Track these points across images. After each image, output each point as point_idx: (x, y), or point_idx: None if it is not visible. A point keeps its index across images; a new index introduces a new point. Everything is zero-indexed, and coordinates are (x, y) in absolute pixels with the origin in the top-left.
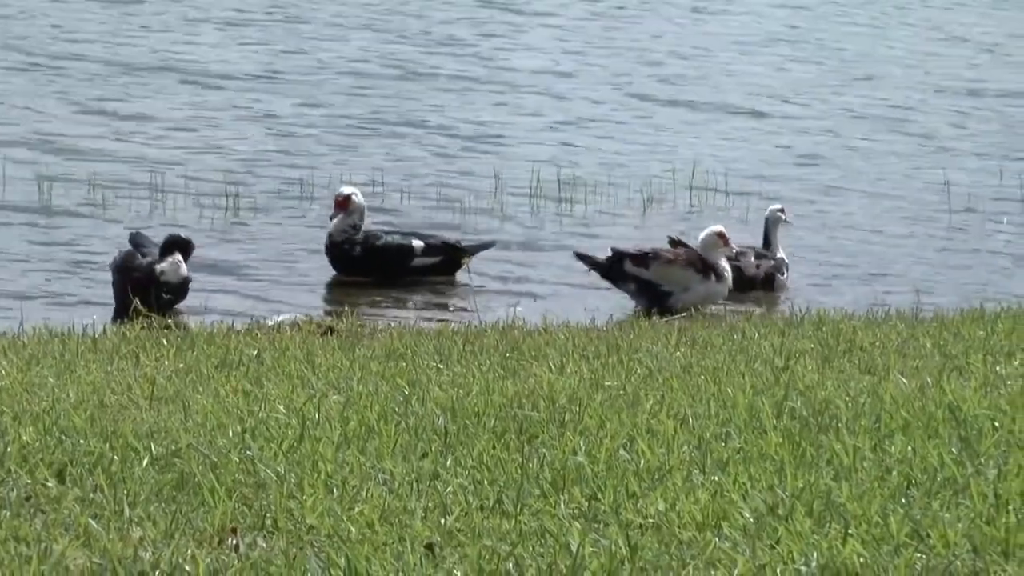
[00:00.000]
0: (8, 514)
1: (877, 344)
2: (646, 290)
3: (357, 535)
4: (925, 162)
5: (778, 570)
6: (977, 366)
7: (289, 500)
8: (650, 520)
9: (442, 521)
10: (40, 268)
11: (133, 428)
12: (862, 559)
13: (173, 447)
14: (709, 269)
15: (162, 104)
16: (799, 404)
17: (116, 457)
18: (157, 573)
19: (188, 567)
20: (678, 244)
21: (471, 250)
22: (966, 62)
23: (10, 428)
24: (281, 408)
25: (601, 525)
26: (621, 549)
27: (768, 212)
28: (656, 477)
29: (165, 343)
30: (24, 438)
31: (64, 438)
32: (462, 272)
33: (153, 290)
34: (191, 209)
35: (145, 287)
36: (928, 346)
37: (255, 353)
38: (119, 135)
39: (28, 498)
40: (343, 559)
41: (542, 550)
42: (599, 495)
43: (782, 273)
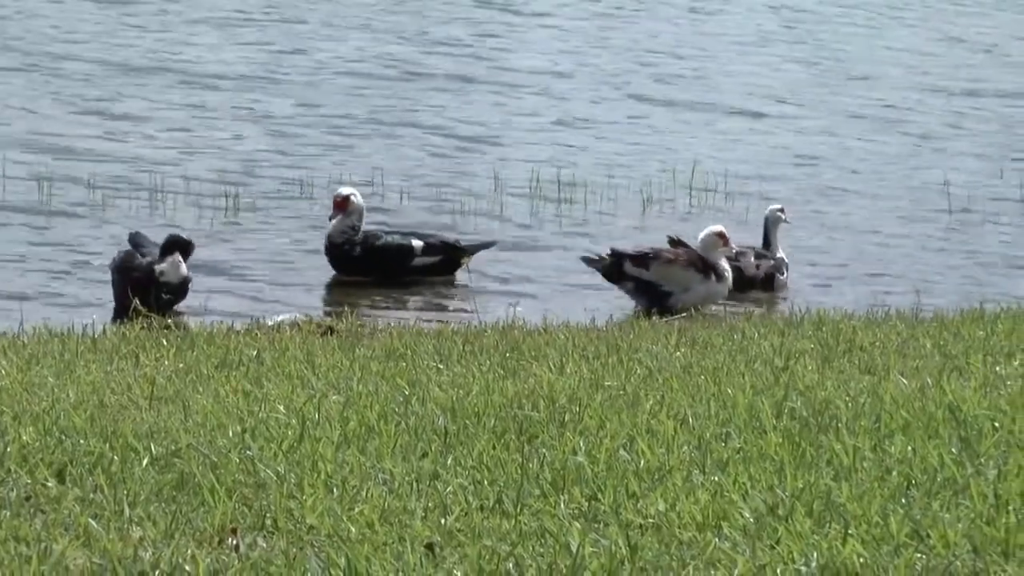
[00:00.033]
0: (8, 514)
1: (877, 344)
2: (646, 290)
3: (357, 535)
4: (924, 162)
5: (778, 570)
6: (977, 366)
7: (289, 500)
8: (650, 520)
9: (442, 521)
10: (39, 268)
11: (133, 428)
12: (862, 559)
13: (173, 447)
14: (709, 269)
15: (160, 105)
16: (799, 404)
17: (116, 457)
18: (157, 573)
19: (188, 567)
20: (678, 244)
21: (471, 250)
22: (964, 63)
23: (10, 428)
24: (281, 408)
25: (601, 525)
26: (621, 549)
27: (768, 212)
28: (656, 477)
29: (165, 343)
30: (24, 438)
31: (64, 438)
32: (462, 272)
33: (153, 290)
34: (190, 209)
35: (145, 287)
36: (928, 346)
37: (255, 353)
38: (118, 136)
39: (28, 498)
40: (343, 559)
41: (542, 550)
42: (599, 495)
43: (782, 273)
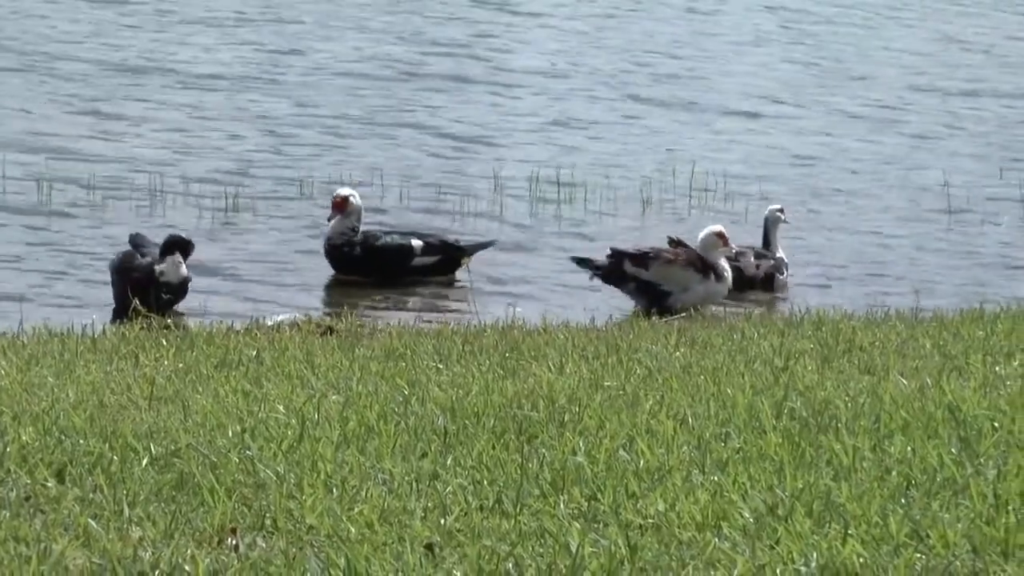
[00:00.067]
0: (8, 514)
1: (877, 344)
2: (646, 290)
3: (357, 535)
4: (922, 162)
5: (778, 570)
6: (976, 366)
7: (289, 500)
8: (650, 520)
9: (442, 521)
10: (39, 269)
11: (132, 428)
12: (862, 559)
13: (173, 447)
14: (709, 269)
15: (159, 105)
16: (799, 404)
17: (116, 457)
18: (157, 573)
19: (188, 567)
20: (678, 244)
21: (470, 249)
22: (962, 63)
23: (10, 428)
24: (280, 408)
25: (601, 525)
26: (621, 549)
27: (767, 212)
28: (656, 477)
29: (164, 343)
30: (24, 438)
31: (64, 438)
32: (461, 272)
33: (153, 290)
34: (189, 210)
35: (144, 287)
36: (928, 346)
37: (254, 353)
38: (116, 136)
39: (28, 498)
40: (343, 559)
41: (542, 550)
42: (599, 495)
43: (782, 273)
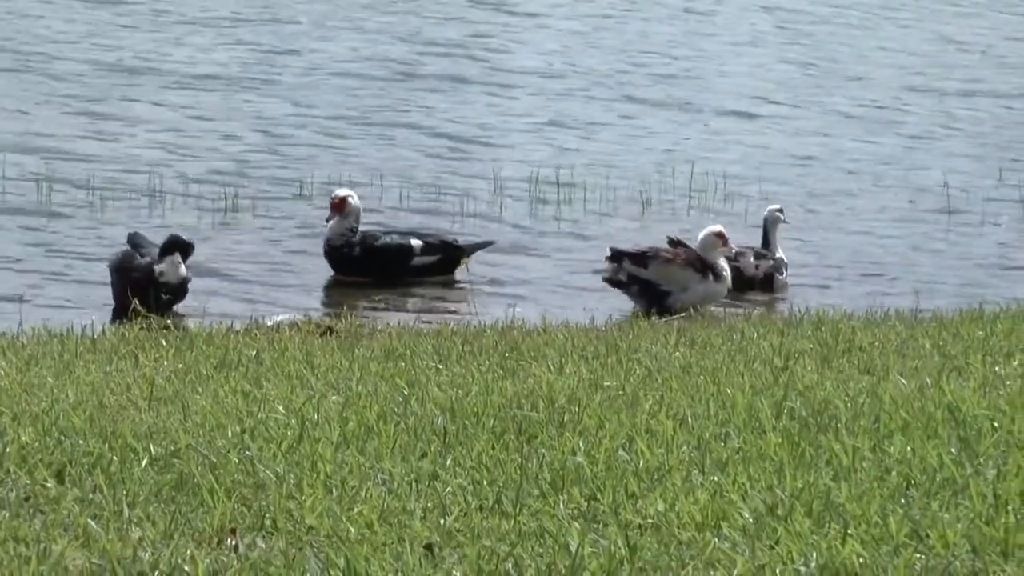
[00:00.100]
0: (7, 514)
1: (876, 344)
2: (645, 290)
3: (356, 535)
4: (922, 163)
5: (777, 570)
6: (976, 366)
7: (288, 500)
8: (649, 520)
9: (441, 521)
10: (38, 269)
11: (132, 428)
12: (861, 559)
13: (172, 447)
14: (708, 269)
15: (156, 106)
16: (798, 404)
17: (115, 457)
18: (156, 573)
19: (187, 567)
20: (678, 244)
21: (469, 249)
22: (959, 63)
23: (9, 428)
24: (280, 408)
25: (600, 525)
26: (620, 549)
27: (767, 212)
28: (655, 477)
29: (164, 344)
30: (23, 438)
31: (63, 438)
32: (461, 272)
33: (152, 290)
34: (188, 211)
35: (144, 287)
36: (927, 346)
37: (254, 353)
38: (114, 137)
39: (27, 498)
40: (342, 559)
41: (541, 550)
42: (598, 495)
43: (781, 273)
